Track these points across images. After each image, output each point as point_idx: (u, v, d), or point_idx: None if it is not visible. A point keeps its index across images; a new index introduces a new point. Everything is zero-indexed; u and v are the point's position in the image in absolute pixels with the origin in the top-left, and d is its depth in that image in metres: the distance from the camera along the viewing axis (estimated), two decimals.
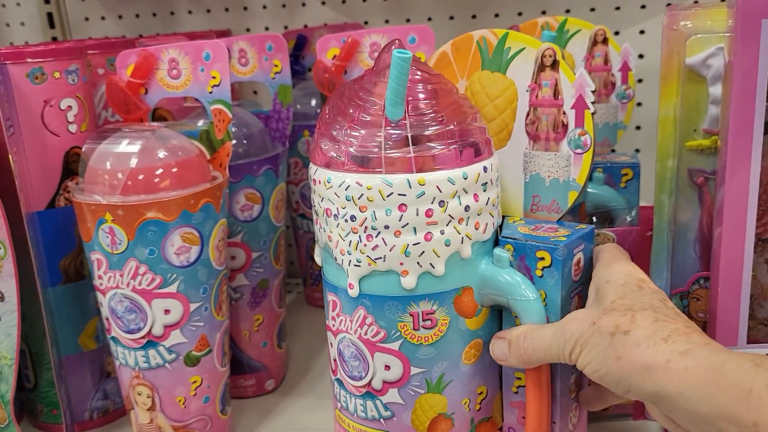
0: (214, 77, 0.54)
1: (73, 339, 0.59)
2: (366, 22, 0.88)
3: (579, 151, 0.46)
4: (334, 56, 0.63)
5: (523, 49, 0.47)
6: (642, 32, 0.78)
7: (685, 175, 0.51)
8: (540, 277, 0.42)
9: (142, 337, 0.51)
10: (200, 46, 0.54)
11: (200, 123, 0.56)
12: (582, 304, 0.46)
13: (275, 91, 0.65)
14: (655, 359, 0.35)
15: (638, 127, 0.78)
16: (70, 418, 0.60)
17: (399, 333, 0.42)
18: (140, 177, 0.49)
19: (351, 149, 0.41)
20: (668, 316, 0.37)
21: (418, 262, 0.41)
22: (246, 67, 0.65)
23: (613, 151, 0.63)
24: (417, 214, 0.40)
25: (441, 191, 0.40)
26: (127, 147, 0.50)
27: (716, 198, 0.46)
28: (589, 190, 0.58)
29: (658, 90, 0.51)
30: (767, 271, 0.47)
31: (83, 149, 0.51)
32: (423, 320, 0.42)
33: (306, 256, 0.84)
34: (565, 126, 0.46)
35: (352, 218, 0.40)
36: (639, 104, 0.77)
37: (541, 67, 0.47)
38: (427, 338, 0.42)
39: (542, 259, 0.42)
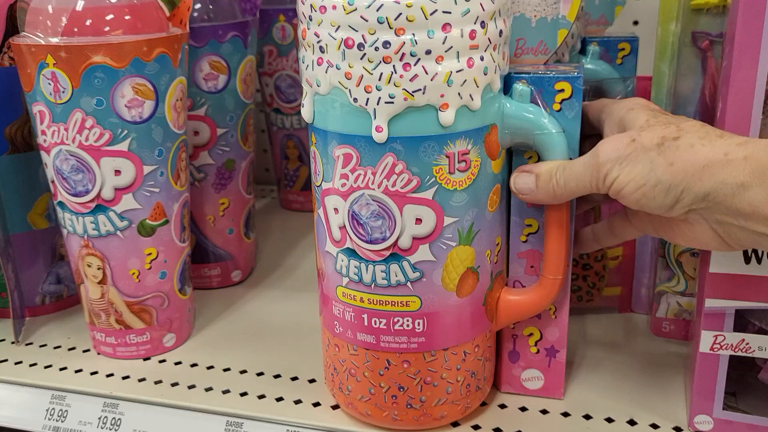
0: None
1: (21, 215, 0.55)
2: None
3: None
4: None
5: None
6: None
7: (688, 40, 0.47)
8: (558, 111, 0.40)
9: (91, 201, 0.46)
10: None
11: None
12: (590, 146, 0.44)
13: None
14: (713, 154, 0.33)
15: (636, 22, 0.73)
16: (19, 302, 0.55)
17: (434, 178, 0.38)
18: (87, 21, 0.44)
19: None
20: (711, 128, 0.35)
21: (459, 93, 0.36)
22: None
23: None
24: (462, 36, 0.36)
25: (484, 10, 0.36)
26: None
27: (723, 61, 0.42)
28: (582, 65, 0.54)
29: None
30: None
31: None
32: (459, 161, 0.38)
33: (281, 154, 0.79)
34: None
35: (386, 45, 0.35)
36: None
37: None
38: (461, 182, 0.38)
39: (561, 90, 0.39)
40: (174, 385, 0.48)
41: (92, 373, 0.50)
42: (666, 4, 0.48)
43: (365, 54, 0.35)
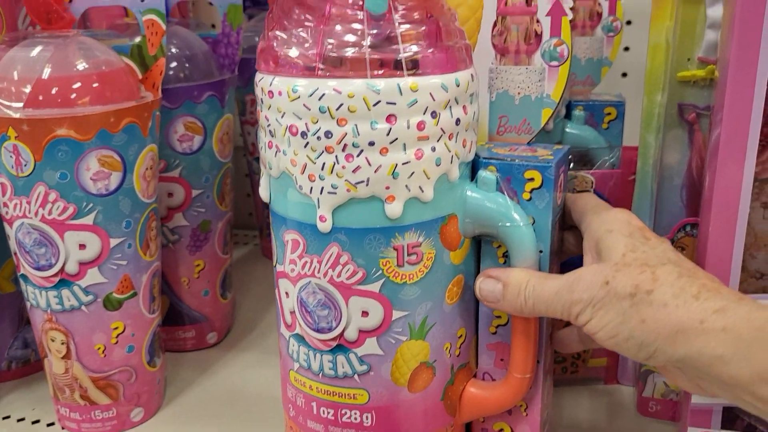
0: None
1: None
2: None
3: (555, 63, 0.41)
4: None
5: None
6: None
7: (674, 112, 0.46)
8: (528, 200, 0.38)
9: (54, 275, 0.44)
10: None
11: (137, 40, 0.50)
12: (560, 236, 0.42)
13: (224, 11, 0.58)
14: (687, 320, 0.31)
15: (624, 74, 0.72)
16: None
17: (381, 271, 0.36)
18: (52, 89, 0.42)
19: (326, 49, 0.33)
20: (689, 270, 0.33)
21: (406, 186, 0.35)
22: None
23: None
24: (408, 127, 0.34)
25: (434, 100, 0.34)
26: (39, 53, 0.43)
27: (711, 134, 0.41)
28: (567, 130, 0.52)
29: (647, 35, 0.46)
30: (762, 216, 0.41)
31: None
32: (408, 254, 0.36)
33: (263, 204, 0.78)
34: (538, 36, 0.41)
35: (328, 135, 0.34)
36: (626, 49, 0.71)
37: None
38: (411, 275, 0.37)
39: (531, 179, 0.38)
40: None
41: None
42: (652, 75, 0.47)
43: (308, 142, 0.34)
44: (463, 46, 0.36)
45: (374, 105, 0.33)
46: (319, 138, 0.34)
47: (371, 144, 0.34)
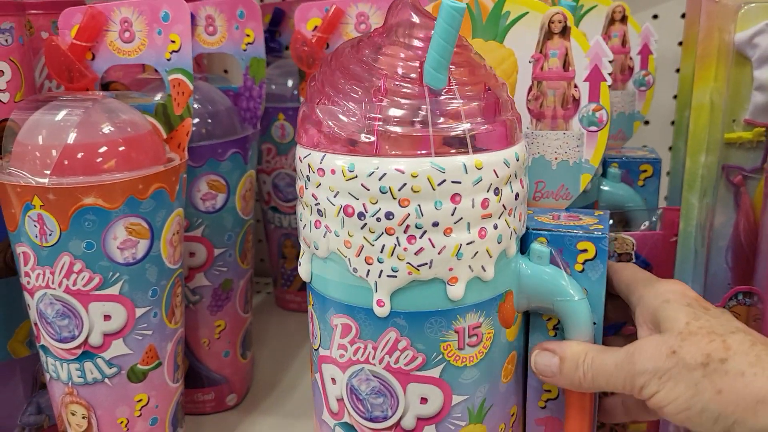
0: (173, 41, 0.46)
1: (2, 344, 0.51)
2: None
3: (593, 128, 0.41)
4: (315, 27, 0.55)
5: (526, 13, 0.40)
6: (655, 17, 0.71)
7: (719, 173, 0.45)
8: (580, 272, 0.37)
9: (77, 347, 0.42)
10: (157, 4, 0.46)
11: (158, 97, 0.48)
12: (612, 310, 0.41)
13: (246, 64, 0.57)
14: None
15: (647, 122, 0.71)
16: None
17: (441, 355, 0.34)
18: (78, 155, 0.40)
19: (384, 125, 0.32)
20: (761, 338, 0.32)
21: (470, 266, 0.33)
22: (214, 37, 0.56)
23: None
24: (473, 206, 0.33)
25: (498, 176, 0.33)
26: (64, 118, 0.41)
27: None
28: (603, 187, 0.51)
29: (669, 81, 0.45)
30: None
31: (11, 118, 0.43)
32: (469, 336, 0.35)
33: (278, 253, 0.76)
34: (576, 101, 0.40)
35: (389, 216, 0.32)
36: None
37: (548, 35, 0.41)
38: (472, 358, 0.35)
39: (584, 251, 0.36)
40: None
41: None
42: (696, 136, 0.45)
43: (366, 224, 0.32)
44: (516, 119, 0.35)
45: (439, 185, 0.32)
46: (378, 219, 0.32)
47: (435, 225, 0.32)
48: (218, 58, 0.84)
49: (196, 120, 0.52)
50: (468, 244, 0.33)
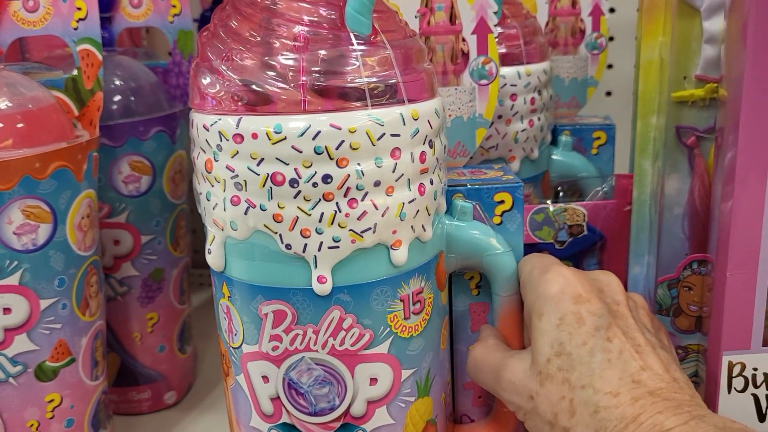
0: (79, 8, 0.42)
1: None
2: None
3: (484, 81, 0.39)
4: None
5: None
6: None
7: (672, 135, 0.41)
8: (498, 224, 0.36)
9: None
10: None
11: (74, 72, 0.44)
12: None
13: (174, 38, 0.53)
14: None
15: (609, 93, 0.68)
16: None
17: (389, 328, 0.31)
18: None
19: (311, 78, 0.28)
20: (611, 389, 0.29)
21: (412, 226, 0.31)
22: (139, 9, 0.53)
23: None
24: (412, 161, 0.30)
25: (431, 127, 0.31)
26: None
27: (720, 158, 0.36)
28: (554, 157, 0.48)
29: (632, 51, 0.42)
30: None
31: None
32: (413, 303, 0.32)
33: None
34: (465, 55, 0.39)
35: (326, 179, 0.28)
36: (610, 66, 0.67)
37: None
38: (416, 327, 0.32)
39: (501, 202, 0.35)
40: None
41: None
42: (645, 96, 0.42)
43: (300, 191, 0.29)
44: (432, 69, 0.32)
45: (378, 139, 0.28)
46: (315, 185, 0.28)
47: (377, 184, 0.29)
48: (163, 41, 0.79)
49: (117, 97, 0.49)
50: (410, 202, 0.30)
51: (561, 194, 0.47)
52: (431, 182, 0.31)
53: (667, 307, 0.40)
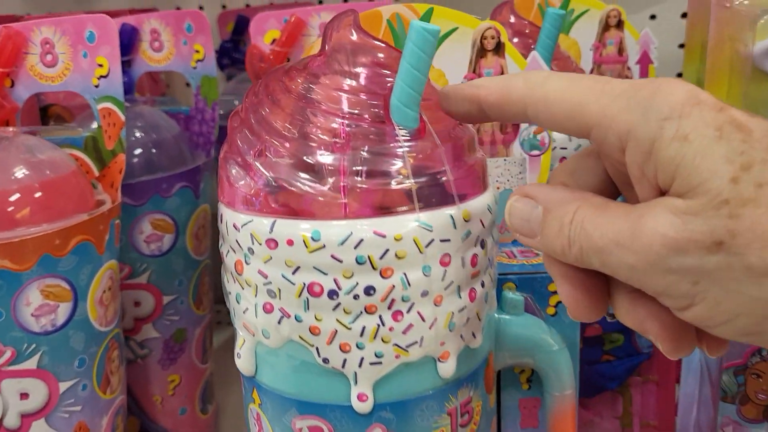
0: (100, 65, 0.40)
1: None
2: (320, 0, 0.74)
3: (535, 152, 0.38)
4: (273, 40, 0.48)
5: (455, 29, 0.37)
6: (653, 17, 0.65)
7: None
8: (553, 316, 0.34)
9: None
10: (81, 22, 0.39)
11: (94, 125, 0.42)
12: None
13: (197, 84, 0.50)
14: None
15: None
16: None
17: None
18: None
19: (352, 178, 0.25)
20: None
21: (461, 335, 0.28)
22: (160, 53, 0.50)
23: None
24: (463, 266, 0.27)
25: (484, 226, 0.28)
26: None
27: None
28: None
29: None
30: None
31: None
32: (461, 416, 0.29)
33: None
34: (515, 124, 0.38)
35: (369, 291, 0.26)
36: None
37: (480, 52, 0.38)
38: None
39: (556, 293, 0.32)
40: None
41: None
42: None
43: (339, 304, 0.26)
44: (484, 158, 0.29)
45: (426, 246, 0.26)
46: (356, 297, 0.26)
47: (424, 294, 0.26)
48: (183, 88, 0.77)
49: (138, 151, 0.46)
50: (460, 311, 0.27)
51: None
52: (482, 284, 0.28)
53: (732, 394, 0.37)
